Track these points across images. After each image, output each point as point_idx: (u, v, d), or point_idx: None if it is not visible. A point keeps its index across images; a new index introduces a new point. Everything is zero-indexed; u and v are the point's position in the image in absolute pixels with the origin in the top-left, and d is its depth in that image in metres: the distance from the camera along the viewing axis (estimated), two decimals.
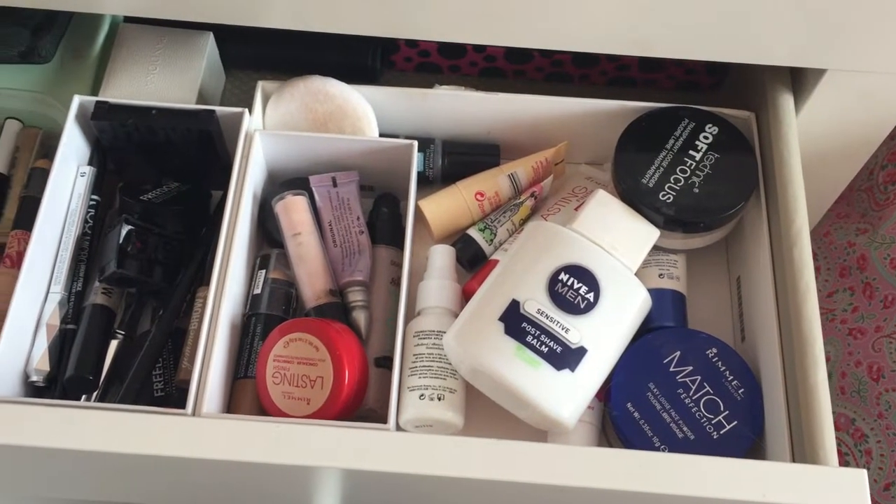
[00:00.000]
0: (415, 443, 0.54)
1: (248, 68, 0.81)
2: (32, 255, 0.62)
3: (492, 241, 0.71)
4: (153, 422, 0.54)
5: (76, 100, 0.67)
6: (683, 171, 0.66)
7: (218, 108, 0.68)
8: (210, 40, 0.75)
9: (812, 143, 0.71)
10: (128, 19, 0.76)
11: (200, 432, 0.54)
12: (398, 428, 0.62)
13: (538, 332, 0.59)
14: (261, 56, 0.80)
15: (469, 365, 0.61)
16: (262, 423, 0.54)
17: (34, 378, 0.61)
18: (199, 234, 0.69)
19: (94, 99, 0.67)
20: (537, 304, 0.60)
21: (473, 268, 0.71)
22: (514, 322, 0.60)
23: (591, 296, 0.61)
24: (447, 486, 0.56)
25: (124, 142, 0.69)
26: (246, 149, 0.67)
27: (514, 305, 0.60)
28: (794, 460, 0.57)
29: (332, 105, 0.70)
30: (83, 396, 0.62)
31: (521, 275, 0.62)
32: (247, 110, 0.68)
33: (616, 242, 0.63)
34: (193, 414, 0.57)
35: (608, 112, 0.71)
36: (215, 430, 0.54)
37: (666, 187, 0.65)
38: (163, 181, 0.71)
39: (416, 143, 0.68)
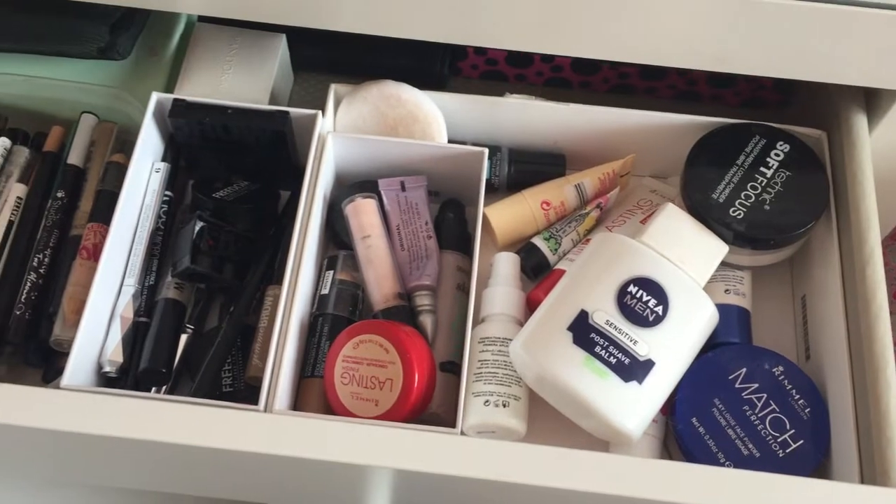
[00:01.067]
0: (484, 448, 0.55)
1: (314, 70, 0.82)
2: (110, 248, 0.63)
3: (556, 250, 0.71)
4: (227, 417, 0.55)
5: (154, 97, 0.68)
6: (754, 188, 0.66)
7: (292, 110, 0.68)
8: (283, 42, 0.76)
9: (883, 163, 0.71)
10: (202, 19, 0.77)
11: (273, 429, 0.54)
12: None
13: (607, 344, 0.60)
14: (328, 58, 0.81)
15: (536, 373, 0.61)
16: (335, 423, 0.55)
17: (107, 369, 0.62)
18: (268, 233, 0.70)
19: (172, 97, 0.68)
20: (606, 315, 0.60)
21: (537, 276, 0.71)
22: (583, 332, 0.60)
23: (659, 309, 0.61)
24: (510, 492, 0.56)
25: (198, 139, 0.70)
26: (318, 150, 0.68)
27: (583, 316, 0.61)
28: (862, 481, 0.57)
29: (404, 110, 0.70)
30: (153, 388, 0.63)
31: (590, 285, 0.62)
32: (320, 112, 0.69)
33: (685, 256, 0.63)
34: (266, 410, 0.57)
35: (676, 126, 0.72)
36: (288, 427, 0.54)
37: (736, 203, 0.65)
38: (232, 179, 0.72)
39: (486, 150, 0.68)
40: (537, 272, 0.71)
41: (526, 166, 0.74)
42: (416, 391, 0.59)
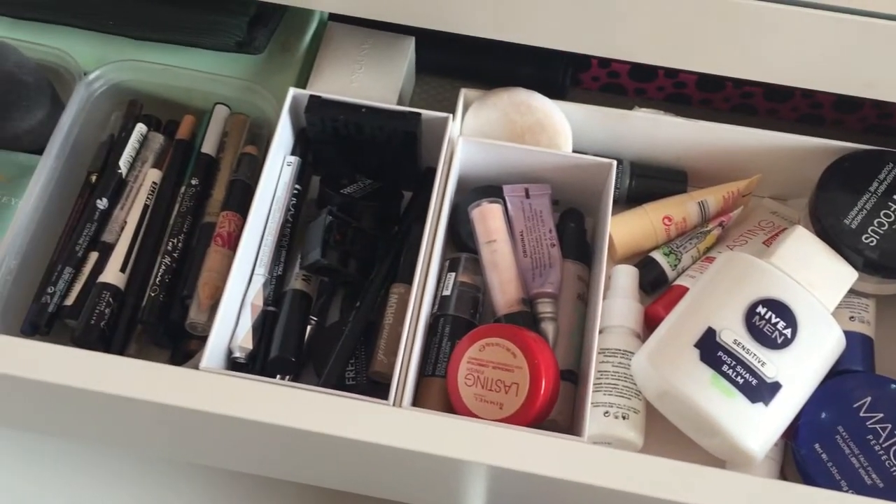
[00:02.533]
0: (614, 458, 0.55)
1: (434, 72, 0.83)
2: (247, 237, 0.64)
3: (675, 266, 0.71)
4: (359, 409, 0.56)
5: (291, 92, 0.70)
6: (887, 216, 0.65)
7: (423, 112, 0.70)
8: (412, 45, 0.77)
9: None
10: (333, 18, 0.79)
11: (404, 424, 0.55)
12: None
13: (734, 363, 0.60)
14: (450, 62, 0.82)
15: (660, 388, 0.61)
16: (465, 422, 0.56)
17: (237, 354, 0.64)
18: (391, 231, 0.71)
19: (308, 93, 0.70)
20: (734, 334, 0.60)
21: (654, 291, 0.71)
22: (710, 350, 0.60)
23: (788, 331, 0.61)
24: (627, 502, 0.56)
25: (329, 136, 0.71)
26: (448, 154, 0.69)
27: (710, 333, 0.61)
28: None
29: (533, 118, 0.71)
30: (277, 376, 0.65)
31: (718, 303, 0.62)
32: (451, 116, 0.70)
33: (814, 280, 0.63)
34: (395, 405, 0.58)
35: (803, 149, 0.71)
36: (418, 423, 0.55)
37: (869, 230, 0.65)
38: (357, 177, 0.73)
39: (614, 162, 0.69)
40: (655, 287, 0.71)
41: (647, 180, 0.74)
42: (543, 397, 0.59)
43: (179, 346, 0.67)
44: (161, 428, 0.63)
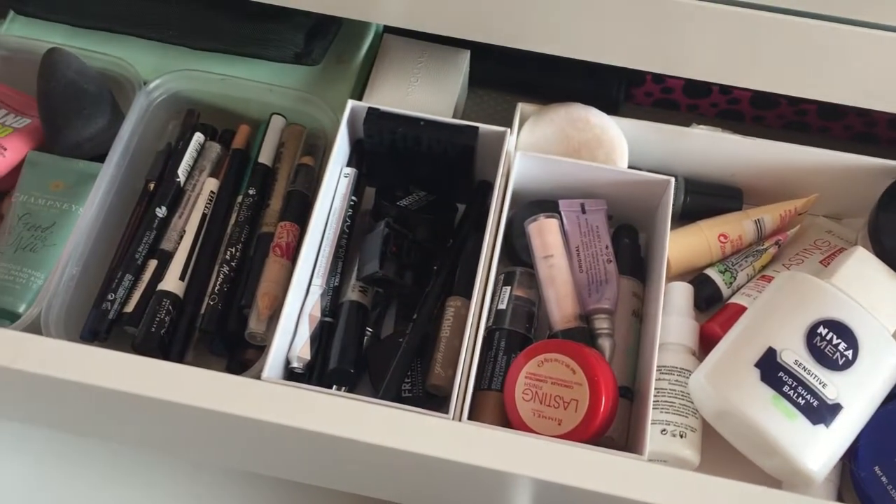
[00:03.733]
0: (669, 477, 0.55)
1: (486, 86, 0.84)
2: (306, 248, 0.65)
3: (731, 283, 0.71)
4: (419, 422, 0.56)
5: (349, 104, 0.70)
6: None
7: (481, 126, 0.70)
8: (467, 58, 0.78)
9: None
10: (388, 31, 0.79)
11: (465, 438, 0.55)
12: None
13: (795, 384, 0.59)
14: (503, 76, 0.82)
15: (719, 407, 0.61)
16: (527, 438, 0.56)
17: (295, 364, 0.64)
18: (445, 244, 0.71)
19: (366, 105, 0.70)
20: (795, 354, 0.60)
21: (708, 308, 0.71)
22: (771, 370, 0.60)
23: (849, 353, 0.60)
24: None
25: (386, 148, 0.71)
26: (506, 168, 0.69)
27: (771, 353, 0.60)
28: None
29: (590, 134, 0.71)
30: (333, 387, 0.65)
31: (778, 323, 0.62)
32: (509, 130, 0.70)
33: (875, 302, 0.62)
34: (454, 419, 0.59)
35: (860, 168, 0.71)
36: (479, 438, 0.55)
37: None
38: (411, 189, 0.74)
39: (672, 179, 0.69)
40: (709, 304, 0.71)
41: (701, 197, 0.74)
42: (602, 415, 0.59)
43: (235, 355, 0.68)
44: (218, 436, 0.63)
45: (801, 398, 0.59)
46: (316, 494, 0.75)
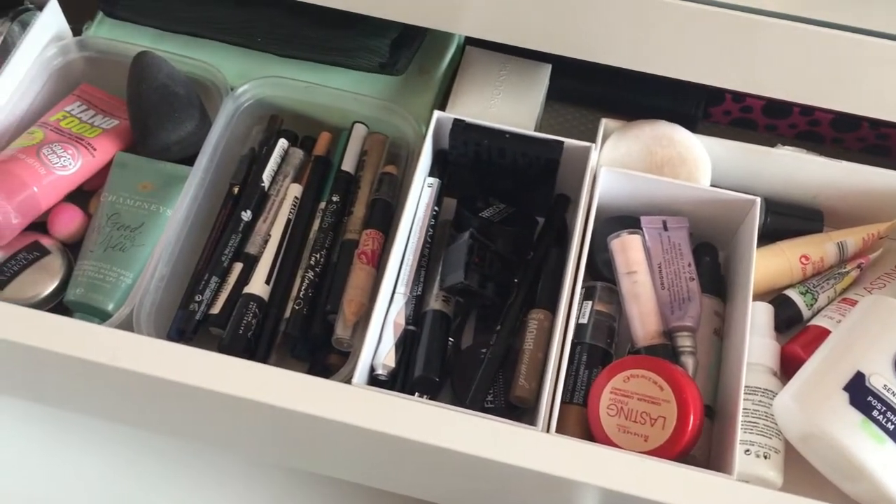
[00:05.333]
0: (757, 497, 0.55)
1: (563, 99, 0.84)
2: (394, 257, 0.65)
3: (811, 305, 0.70)
4: (509, 433, 0.56)
5: (435, 115, 0.71)
6: None
7: (566, 140, 0.70)
8: (548, 72, 0.78)
9: None
10: (470, 42, 0.80)
11: (554, 450, 0.56)
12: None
13: (884, 409, 0.59)
14: (581, 90, 0.82)
15: (805, 429, 0.61)
16: (616, 453, 0.56)
17: (380, 371, 0.65)
18: (526, 256, 0.72)
19: (452, 116, 0.71)
20: (884, 379, 0.60)
21: (788, 329, 0.71)
22: (860, 394, 0.59)
23: None
24: None
25: (468, 159, 0.72)
26: (590, 182, 0.69)
27: (859, 378, 0.60)
28: None
29: (674, 151, 0.71)
30: (415, 394, 0.66)
31: (866, 347, 0.61)
32: (594, 145, 0.70)
33: None
34: (543, 431, 0.59)
35: None
36: (569, 451, 0.56)
37: None
38: (490, 200, 0.74)
39: (758, 199, 0.69)
40: (789, 325, 0.71)
41: (782, 218, 0.74)
42: (690, 433, 0.59)
43: (317, 359, 0.69)
44: (302, 438, 0.64)
45: (890, 423, 0.59)
46: (371, 495, 0.75)
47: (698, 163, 0.72)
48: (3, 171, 0.68)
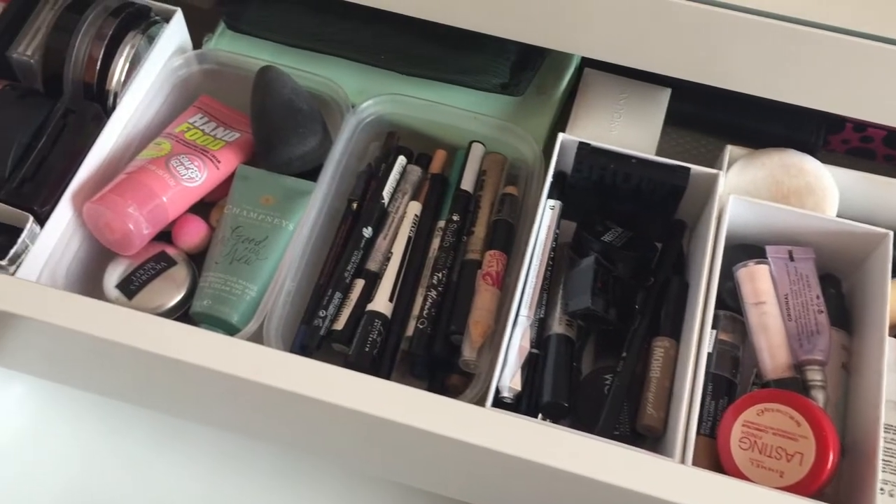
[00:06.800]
0: None
1: (677, 124, 0.83)
2: (521, 279, 0.65)
3: None
4: (645, 462, 0.56)
5: (560, 137, 0.71)
6: None
7: (692, 166, 0.70)
8: (668, 96, 0.77)
9: None
10: (588, 64, 0.80)
11: (692, 483, 0.55)
12: None
13: None
14: (698, 115, 0.82)
15: None
16: (758, 489, 0.55)
17: (506, 394, 0.64)
18: (646, 282, 0.71)
19: (577, 139, 0.71)
20: None
21: None
22: None
23: None
24: None
25: (590, 182, 0.72)
26: (718, 211, 0.69)
27: None
28: None
29: (802, 181, 0.71)
30: (539, 418, 0.65)
31: None
32: (721, 172, 0.69)
33: None
34: (679, 462, 0.58)
35: None
36: (708, 483, 0.55)
37: None
38: (609, 224, 0.74)
39: (891, 233, 0.67)
40: None
41: None
42: (829, 470, 0.58)
43: (437, 378, 0.69)
44: (422, 455, 0.64)
45: None
46: None
47: (826, 193, 0.71)
48: (135, 181, 0.69)
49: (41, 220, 0.66)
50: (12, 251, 0.64)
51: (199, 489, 0.78)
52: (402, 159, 0.76)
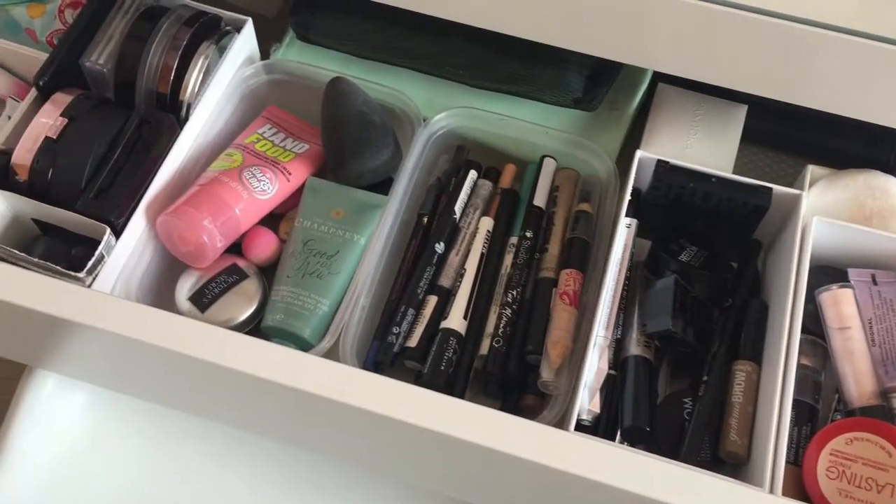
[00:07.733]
0: None
1: (751, 141, 0.81)
2: (600, 300, 0.64)
3: None
4: (734, 492, 0.55)
5: (637, 154, 0.70)
6: None
7: (774, 186, 0.68)
8: (744, 113, 0.76)
9: None
10: (661, 79, 0.78)
11: None
12: None
13: None
14: (772, 132, 0.80)
15: None
16: None
17: (585, 417, 0.63)
18: (723, 303, 0.70)
19: (655, 157, 0.70)
20: None
21: None
22: None
23: None
24: None
25: (667, 200, 0.70)
26: (801, 232, 0.67)
27: None
28: None
29: (886, 203, 0.69)
30: (617, 440, 0.64)
31: None
32: (804, 193, 0.68)
33: None
34: (770, 493, 0.57)
35: None
36: None
37: None
38: (684, 243, 0.72)
39: None
40: None
41: None
42: None
43: (510, 398, 0.68)
44: (491, 477, 0.63)
45: None
46: None
47: None
48: (209, 192, 0.69)
49: (117, 232, 0.66)
50: (90, 263, 0.63)
51: (254, 502, 0.77)
52: (472, 173, 0.75)
